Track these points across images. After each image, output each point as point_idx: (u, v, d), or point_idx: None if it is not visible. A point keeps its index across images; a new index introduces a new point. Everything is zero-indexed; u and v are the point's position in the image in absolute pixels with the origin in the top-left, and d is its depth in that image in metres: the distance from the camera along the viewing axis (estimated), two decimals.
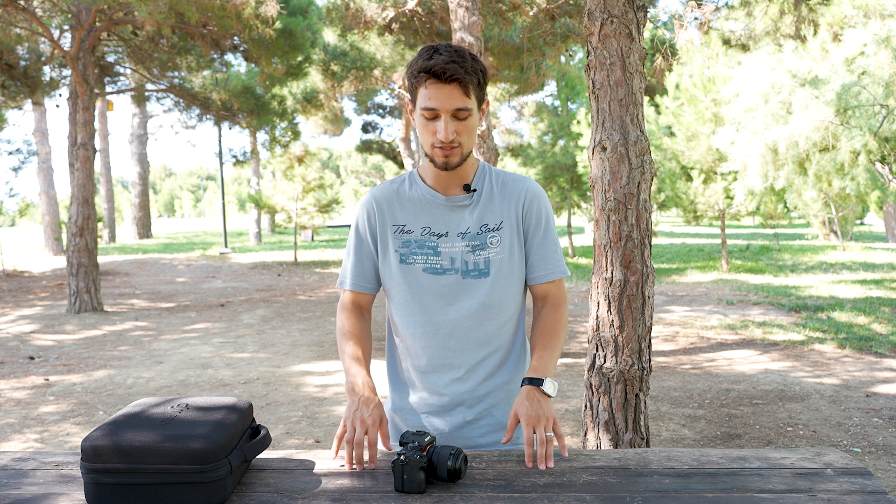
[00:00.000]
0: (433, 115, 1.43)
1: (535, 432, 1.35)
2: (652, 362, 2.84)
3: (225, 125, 16.77)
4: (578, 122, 15.32)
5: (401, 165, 24.84)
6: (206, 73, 12.81)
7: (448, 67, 1.38)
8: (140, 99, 19.07)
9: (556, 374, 5.62)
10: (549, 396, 1.41)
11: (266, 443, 1.40)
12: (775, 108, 8.18)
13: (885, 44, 7.11)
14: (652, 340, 2.86)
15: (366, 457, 1.38)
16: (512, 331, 1.59)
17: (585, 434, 2.88)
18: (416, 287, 1.54)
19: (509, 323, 1.57)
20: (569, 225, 17.34)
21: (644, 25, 2.75)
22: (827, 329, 7.05)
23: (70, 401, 5.04)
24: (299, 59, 11.54)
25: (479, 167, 1.59)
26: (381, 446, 1.47)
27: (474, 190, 1.55)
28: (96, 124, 19.60)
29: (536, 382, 1.43)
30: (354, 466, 1.35)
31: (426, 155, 1.50)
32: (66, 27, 10.62)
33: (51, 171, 18.77)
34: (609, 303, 2.75)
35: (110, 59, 13.07)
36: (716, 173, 12.56)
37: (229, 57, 12.75)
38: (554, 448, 1.40)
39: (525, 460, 1.35)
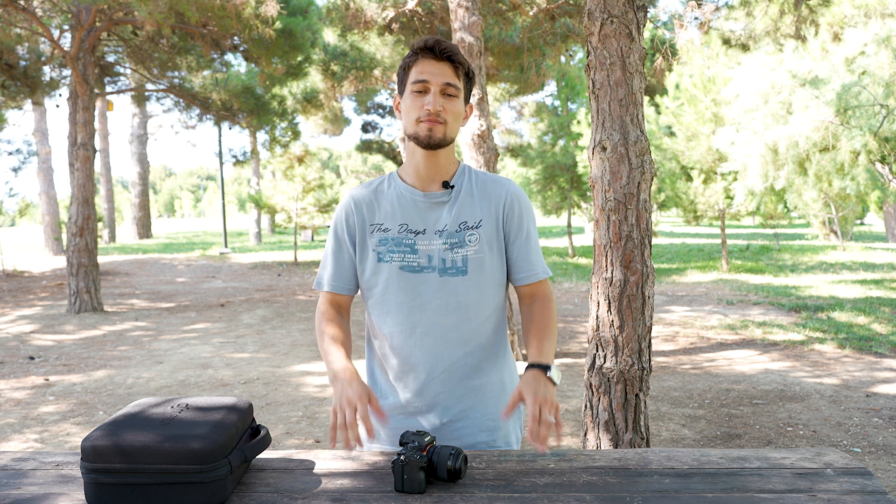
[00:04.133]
0: (423, 88, 1.47)
1: (539, 412, 1.31)
2: (652, 362, 2.84)
3: (225, 125, 16.77)
4: (578, 122, 15.32)
5: (400, 165, 24.81)
6: (206, 73, 12.81)
7: (443, 42, 1.47)
8: (140, 99, 19.07)
9: None
10: (555, 384, 1.40)
11: (266, 443, 1.40)
12: (775, 109, 8.18)
13: (885, 44, 7.11)
14: (652, 340, 2.86)
15: (363, 435, 1.34)
16: (491, 331, 1.57)
17: (585, 434, 2.88)
18: (393, 285, 1.53)
19: (488, 323, 1.56)
20: (569, 225, 17.34)
21: (644, 25, 2.75)
22: (827, 329, 7.05)
23: (70, 401, 5.04)
24: (299, 59, 11.54)
25: (460, 167, 1.59)
26: (376, 426, 1.44)
27: (452, 186, 1.54)
28: (96, 124, 19.59)
29: (543, 368, 1.41)
30: (354, 446, 1.30)
31: (409, 136, 1.52)
32: (66, 27, 10.61)
33: (51, 171, 18.77)
34: (609, 303, 2.75)
35: (110, 59, 13.07)
36: (716, 173, 12.56)
37: (229, 57, 12.75)
38: (553, 449, 1.39)
39: (527, 436, 1.31)
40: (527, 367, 1.44)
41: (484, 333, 1.56)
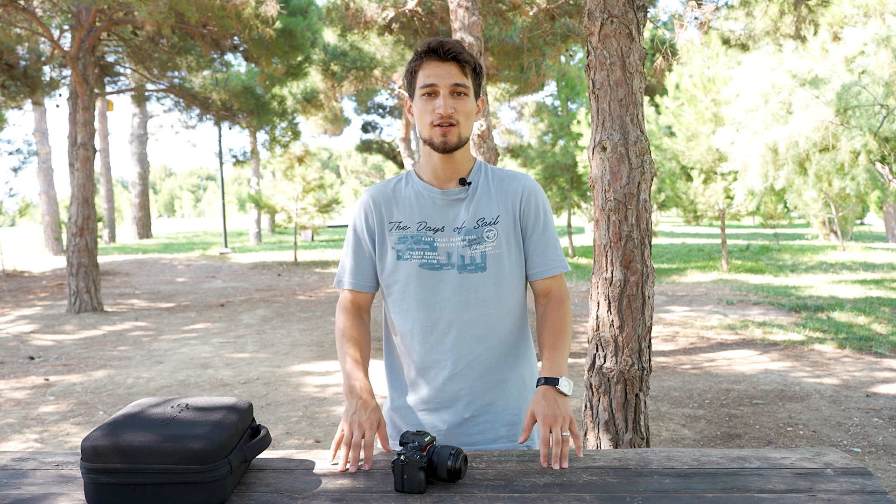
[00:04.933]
0: (432, 91, 1.47)
1: (551, 432, 1.35)
2: (652, 362, 2.84)
3: (225, 125, 16.77)
4: (578, 122, 15.32)
5: (401, 165, 24.83)
6: (206, 73, 12.81)
7: (446, 43, 1.46)
8: (140, 99, 19.07)
9: None
10: (566, 395, 1.41)
11: (266, 443, 1.40)
12: (775, 108, 8.18)
13: (885, 43, 7.11)
14: (652, 340, 2.86)
15: (362, 457, 1.39)
16: (511, 326, 1.58)
17: (585, 434, 2.88)
18: (413, 283, 1.54)
19: (507, 318, 1.57)
20: (569, 225, 17.34)
21: (644, 25, 2.75)
22: (827, 329, 7.05)
23: (70, 401, 5.04)
24: (299, 59, 11.54)
25: (476, 164, 1.60)
26: (379, 447, 1.47)
27: (469, 183, 1.55)
28: (96, 124, 19.59)
29: (552, 382, 1.43)
30: (349, 468, 1.35)
31: (424, 140, 1.53)
32: (66, 27, 10.61)
33: (51, 171, 18.77)
34: (609, 303, 2.75)
35: (110, 59, 13.07)
36: (716, 173, 12.56)
37: (229, 57, 12.75)
38: (578, 459, 1.39)
39: (541, 460, 1.34)
40: (537, 383, 1.46)
41: (504, 328, 1.57)
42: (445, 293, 1.53)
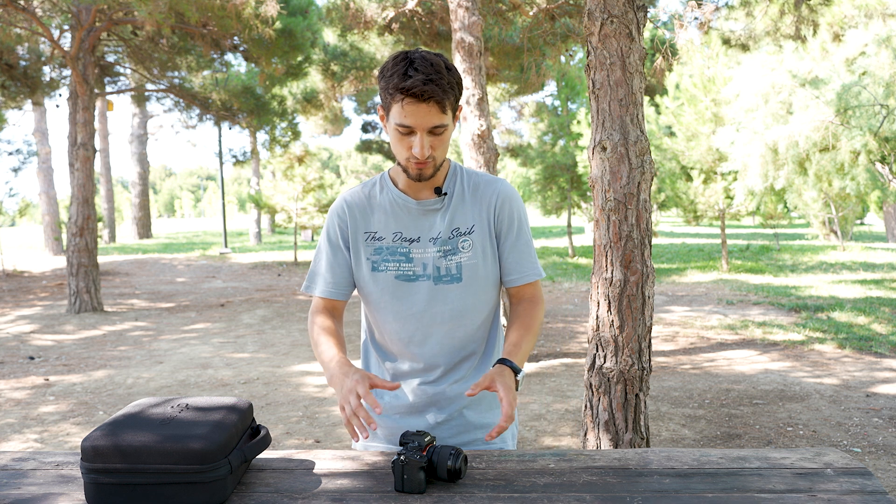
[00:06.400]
0: (408, 132, 1.39)
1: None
2: (652, 362, 2.84)
3: (225, 125, 16.77)
4: (578, 122, 15.32)
5: None
6: (206, 73, 12.81)
7: (427, 89, 1.33)
8: (140, 99, 19.06)
9: (556, 374, 5.63)
10: (516, 389, 1.38)
11: (266, 443, 1.40)
12: (775, 109, 8.18)
13: (885, 44, 7.11)
14: (652, 340, 2.86)
15: (375, 419, 1.34)
16: (485, 334, 1.59)
17: (585, 434, 2.88)
18: (389, 295, 1.53)
19: (483, 327, 1.57)
20: (569, 225, 17.34)
21: (644, 25, 2.75)
22: (827, 329, 7.05)
23: (70, 401, 5.04)
24: (299, 59, 11.54)
25: (451, 169, 1.56)
26: (384, 411, 1.42)
27: (445, 193, 1.52)
28: (96, 124, 19.59)
29: (514, 369, 1.39)
30: (365, 434, 1.27)
31: (399, 165, 1.49)
32: (66, 27, 10.61)
33: (51, 171, 18.77)
34: (609, 303, 2.75)
35: (110, 59, 13.07)
36: (716, 173, 12.56)
37: (229, 57, 12.75)
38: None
39: (494, 431, 1.28)
40: (499, 360, 1.42)
41: (480, 338, 1.58)
42: (421, 305, 1.51)
